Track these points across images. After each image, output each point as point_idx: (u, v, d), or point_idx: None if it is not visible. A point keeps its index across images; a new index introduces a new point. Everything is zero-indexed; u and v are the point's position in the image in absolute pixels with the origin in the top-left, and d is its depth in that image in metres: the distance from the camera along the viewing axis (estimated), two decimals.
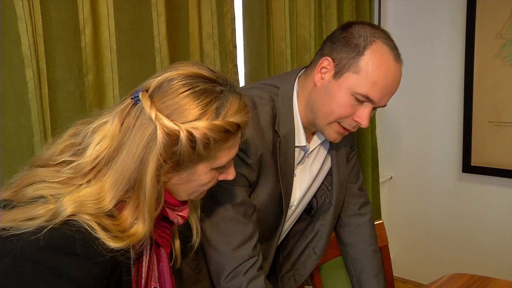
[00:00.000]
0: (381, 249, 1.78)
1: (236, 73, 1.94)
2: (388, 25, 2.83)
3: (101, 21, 1.50)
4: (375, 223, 1.76)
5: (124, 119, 0.84)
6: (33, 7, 1.31)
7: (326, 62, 1.17)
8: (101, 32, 1.50)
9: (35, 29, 1.32)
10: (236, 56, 1.94)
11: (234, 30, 1.91)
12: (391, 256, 2.98)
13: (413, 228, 2.95)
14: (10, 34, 1.28)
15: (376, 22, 2.75)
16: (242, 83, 2.01)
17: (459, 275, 1.66)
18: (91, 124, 0.87)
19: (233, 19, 1.90)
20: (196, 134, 0.82)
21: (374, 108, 1.18)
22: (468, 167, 2.66)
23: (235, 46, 1.92)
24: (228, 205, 1.16)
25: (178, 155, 0.83)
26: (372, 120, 2.68)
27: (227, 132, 0.86)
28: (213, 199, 1.15)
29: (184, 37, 1.73)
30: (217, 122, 0.84)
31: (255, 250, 1.18)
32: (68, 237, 0.75)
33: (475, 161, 2.63)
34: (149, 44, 1.61)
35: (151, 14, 1.61)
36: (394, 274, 2.96)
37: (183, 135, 0.81)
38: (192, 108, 0.82)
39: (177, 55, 1.71)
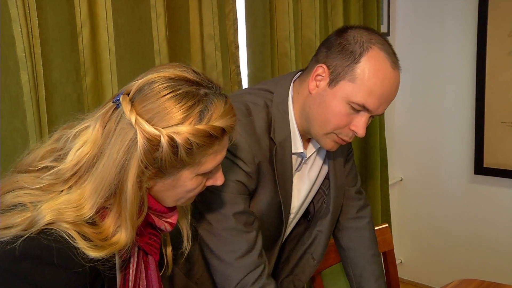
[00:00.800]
0: (386, 254, 1.74)
1: (239, 74, 1.91)
2: (398, 24, 2.78)
3: (99, 23, 1.48)
4: (380, 227, 1.73)
5: (106, 123, 0.82)
6: (29, 9, 1.30)
7: (321, 70, 1.13)
8: (100, 34, 1.48)
9: (32, 31, 1.31)
10: (239, 57, 1.91)
11: (236, 30, 1.88)
12: (401, 259, 2.96)
13: (424, 230, 2.91)
14: (4, 36, 1.27)
15: (385, 21, 2.69)
16: (245, 84, 1.99)
17: (469, 280, 1.62)
18: (73, 129, 0.85)
19: (235, 19, 1.87)
20: (178, 139, 0.79)
21: (371, 117, 1.14)
22: (480, 168, 2.61)
23: (237, 47, 1.89)
24: (229, 214, 1.12)
25: (160, 161, 0.80)
26: (381, 121, 2.63)
27: (211, 137, 0.83)
28: (213, 208, 1.13)
29: (184, 38, 1.71)
30: (200, 126, 0.81)
31: (261, 258, 1.15)
32: (44, 247, 0.73)
33: (487, 163, 2.58)
34: (149, 45, 1.59)
35: (150, 15, 1.59)
36: (404, 277, 2.94)
37: (164, 140, 0.78)
38: (174, 112, 0.79)
39: (177, 56, 1.68)
